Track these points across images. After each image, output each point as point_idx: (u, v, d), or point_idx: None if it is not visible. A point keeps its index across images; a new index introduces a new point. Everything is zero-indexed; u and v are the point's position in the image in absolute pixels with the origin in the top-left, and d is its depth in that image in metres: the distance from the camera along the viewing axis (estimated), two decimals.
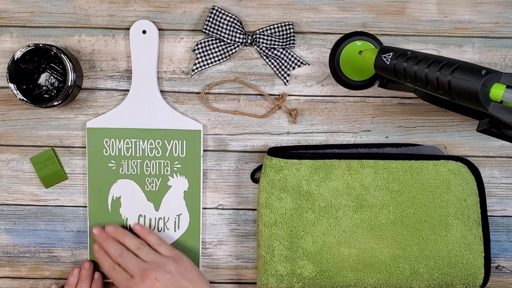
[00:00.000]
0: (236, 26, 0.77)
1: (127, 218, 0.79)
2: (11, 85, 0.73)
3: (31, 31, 0.78)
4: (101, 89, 0.79)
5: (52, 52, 0.73)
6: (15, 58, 0.73)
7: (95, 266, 0.79)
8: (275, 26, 0.77)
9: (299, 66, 0.78)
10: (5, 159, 0.79)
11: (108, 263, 0.73)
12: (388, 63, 0.66)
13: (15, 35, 0.78)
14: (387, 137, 0.80)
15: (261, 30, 0.77)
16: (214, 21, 0.77)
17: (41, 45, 0.73)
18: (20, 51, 0.73)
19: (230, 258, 0.81)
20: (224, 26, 0.77)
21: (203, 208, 0.80)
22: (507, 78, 0.58)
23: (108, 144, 0.78)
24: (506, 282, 0.81)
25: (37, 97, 0.75)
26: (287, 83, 0.79)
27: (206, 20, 0.77)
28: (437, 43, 0.79)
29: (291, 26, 0.77)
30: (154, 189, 0.79)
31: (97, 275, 0.78)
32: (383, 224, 0.76)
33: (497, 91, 0.58)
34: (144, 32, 0.77)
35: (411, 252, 0.76)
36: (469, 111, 0.70)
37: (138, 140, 0.78)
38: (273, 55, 0.77)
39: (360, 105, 0.80)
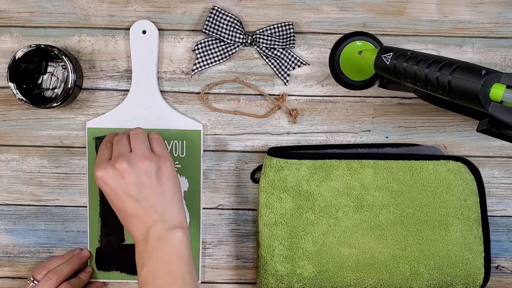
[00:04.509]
0: (236, 26, 0.77)
1: None
2: (11, 85, 0.73)
3: (31, 31, 0.78)
4: (101, 89, 0.79)
5: (53, 53, 0.73)
6: (16, 58, 0.73)
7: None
8: (275, 26, 0.77)
9: (299, 66, 0.78)
10: (5, 159, 0.79)
11: (107, 138, 0.71)
12: (388, 63, 0.66)
13: (15, 35, 0.78)
14: (387, 137, 0.80)
15: (261, 30, 0.77)
16: (214, 21, 0.77)
17: (42, 46, 0.73)
18: (22, 51, 0.73)
19: (230, 258, 0.81)
20: (224, 26, 0.77)
21: (203, 208, 0.80)
22: (507, 78, 0.58)
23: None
24: (506, 282, 0.81)
25: (37, 97, 0.75)
26: (287, 83, 0.79)
27: (206, 20, 0.77)
28: (437, 43, 0.79)
29: (291, 26, 0.77)
30: None
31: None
32: (383, 224, 0.76)
33: (497, 91, 0.58)
34: (144, 32, 0.77)
35: (411, 252, 0.76)
36: (469, 111, 0.70)
37: None
38: (273, 55, 0.77)
39: (360, 105, 0.80)
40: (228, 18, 0.77)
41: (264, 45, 0.77)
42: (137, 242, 0.66)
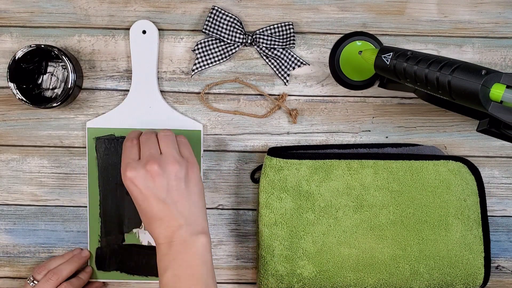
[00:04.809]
0: (236, 26, 0.77)
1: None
2: (11, 84, 0.73)
3: (31, 31, 0.78)
4: (101, 89, 0.79)
5: (53, 53, 0.73)
6: (16, 58, 0.73)
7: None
8: (275, 26, 0.77)
9: (299, 66, 0.78)
10: (5, 159, 0.79)
11: (132, 135, 0.70)
12: (388, 63, 0.66)
13: (15, 35, 0.78)
14: (387, 137, 0.80)
15: (261, 30, 0.77)
16: (214, 21, 0.77)
17: (42, 46, 0.73)
18: (22, 51, 0.73)
19: (230, 258, 0.81)
20: (224, 26, 0.77)
21: None
22: (507, 78, 0.58)
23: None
24: (506, 282, 0.81)
25: (37, 97, 0.75)
26: (287, 83, 0.79)
27: (206, 20, 0.77)
28: (437, 43, 0.79)
29: (291, 26, 0.77)
30: None
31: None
32: (383, 224, 0.76)
33: (497, 91, 0.58)
34: (144, 32, 0.77)
35: (411, 252, 0.76)
36: (469, 111, 0.70)
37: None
38: (273, 55, 0.77)
39: (360, 105, 0.80)
40: (228, 18, 0.77)
41: (264, 45, 0.77)
42: (158, 244, 0.66)
